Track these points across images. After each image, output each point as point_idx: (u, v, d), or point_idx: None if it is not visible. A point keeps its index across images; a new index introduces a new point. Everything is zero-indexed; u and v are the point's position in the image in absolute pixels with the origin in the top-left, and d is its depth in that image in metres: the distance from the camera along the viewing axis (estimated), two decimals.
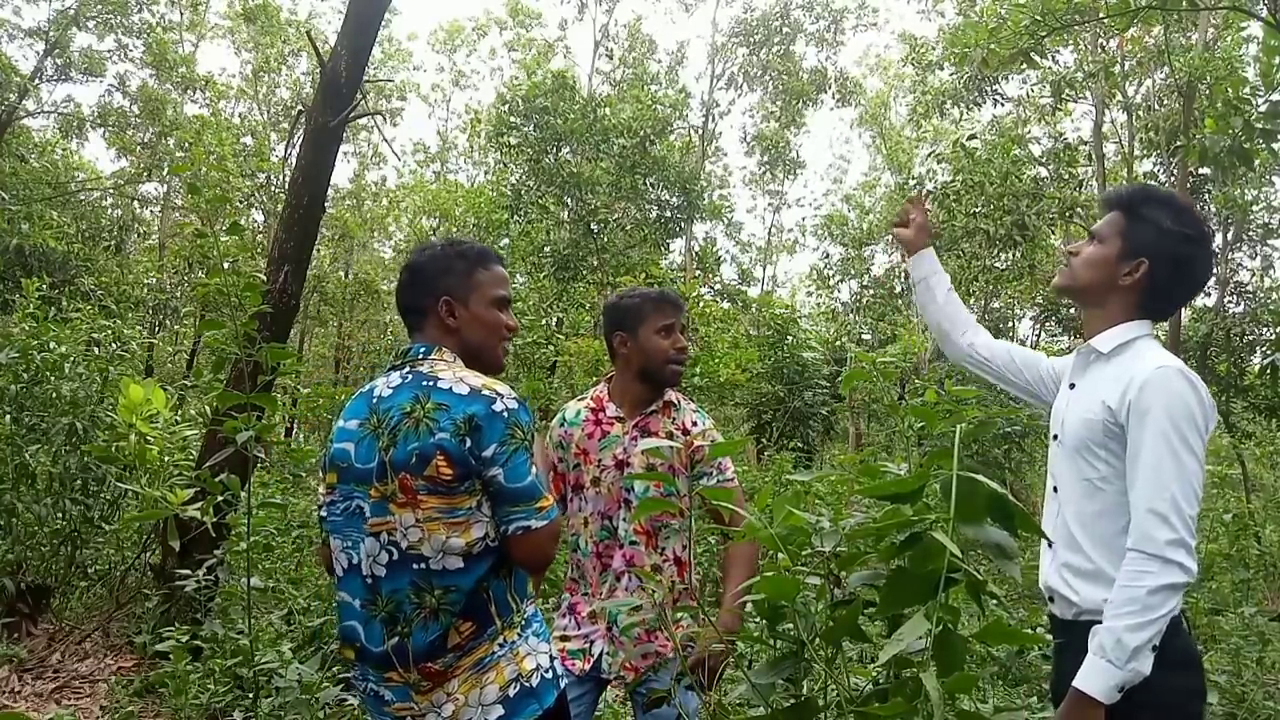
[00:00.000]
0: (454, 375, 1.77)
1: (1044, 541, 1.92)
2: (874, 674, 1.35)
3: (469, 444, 1.69)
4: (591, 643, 2.39)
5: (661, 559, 2.40)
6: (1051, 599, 1.90)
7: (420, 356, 1.85)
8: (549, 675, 1.79)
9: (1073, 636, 1.78)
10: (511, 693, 1.73)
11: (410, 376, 1.80)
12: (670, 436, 2.45)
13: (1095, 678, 1.63)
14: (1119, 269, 1.88)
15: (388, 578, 1.73)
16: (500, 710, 1.71)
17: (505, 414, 1.71)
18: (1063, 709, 1.67)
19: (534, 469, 1.74)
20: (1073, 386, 1.95)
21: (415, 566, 1.71)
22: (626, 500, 2.40)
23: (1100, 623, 1.67)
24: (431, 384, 1.76)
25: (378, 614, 1.74)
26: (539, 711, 1.74)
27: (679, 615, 2.31)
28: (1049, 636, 2.00)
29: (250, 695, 3.51)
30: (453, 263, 1.90)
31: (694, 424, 2.49)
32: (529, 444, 1.75)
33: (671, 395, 2.52)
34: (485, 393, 1.73)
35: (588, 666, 2.37)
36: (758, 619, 1.50)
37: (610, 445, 2.45)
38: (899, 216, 2.40)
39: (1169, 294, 1.92)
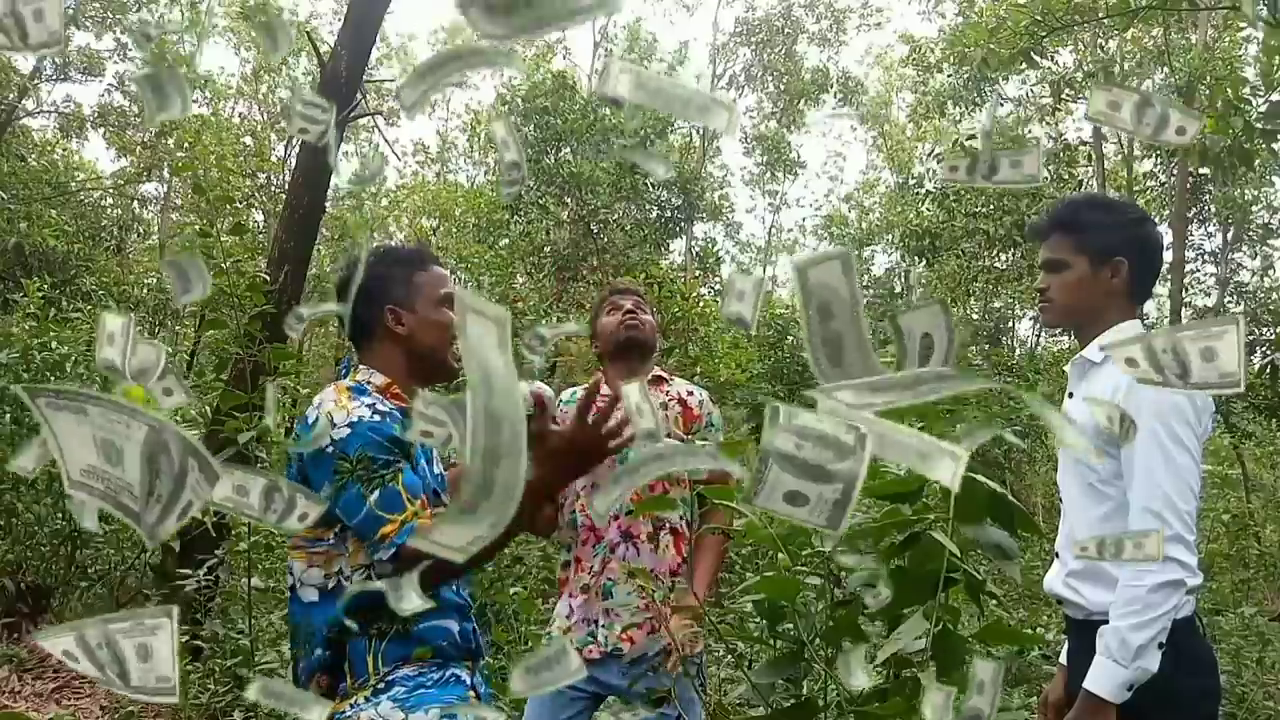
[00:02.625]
0: (322, 399, 1.69)
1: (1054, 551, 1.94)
2: (873, 674, 1.35)
3: (308, 480, 1.61)
4: (594, 623, 2.39)
5: (657, 528, 2.42)
6: (1060, 602, 1.91)
7: (341, 375, 1.81)
8: None
9: (1086, 636, 1.79)
10: None
11: (316, 401, 1.75)
12: (665, 408, 2.49)
13: (1103, 678, 1.64)
14: (1101, 277, 1.89)
15: (290, 601, 1.72)
16: None
17: (329, 448, 1.60)
18: (1074, 710, 1.68)
19: (371, 497, 1.56)
20: (1071, 396, 1.97)
21: (291, 593, 1.69)
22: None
23: (1109, 622, 1.68)
24: (309, 409, 1.72)
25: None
26: None
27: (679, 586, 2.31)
28: (1049, 636, 2.01)
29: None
30: (390, 270, 1.82)
31: (690, 393, 2.55)
32: (366, 468, 1.58)
33: (661, 371, 2.59)
34: (320, 424, 1.63)
35: (597, 655, 2.35)
36: (758, 619, 1.50)
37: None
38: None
39: (1149, 276, 1.97)
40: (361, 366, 1.80)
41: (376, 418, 1.63)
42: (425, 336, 1.80)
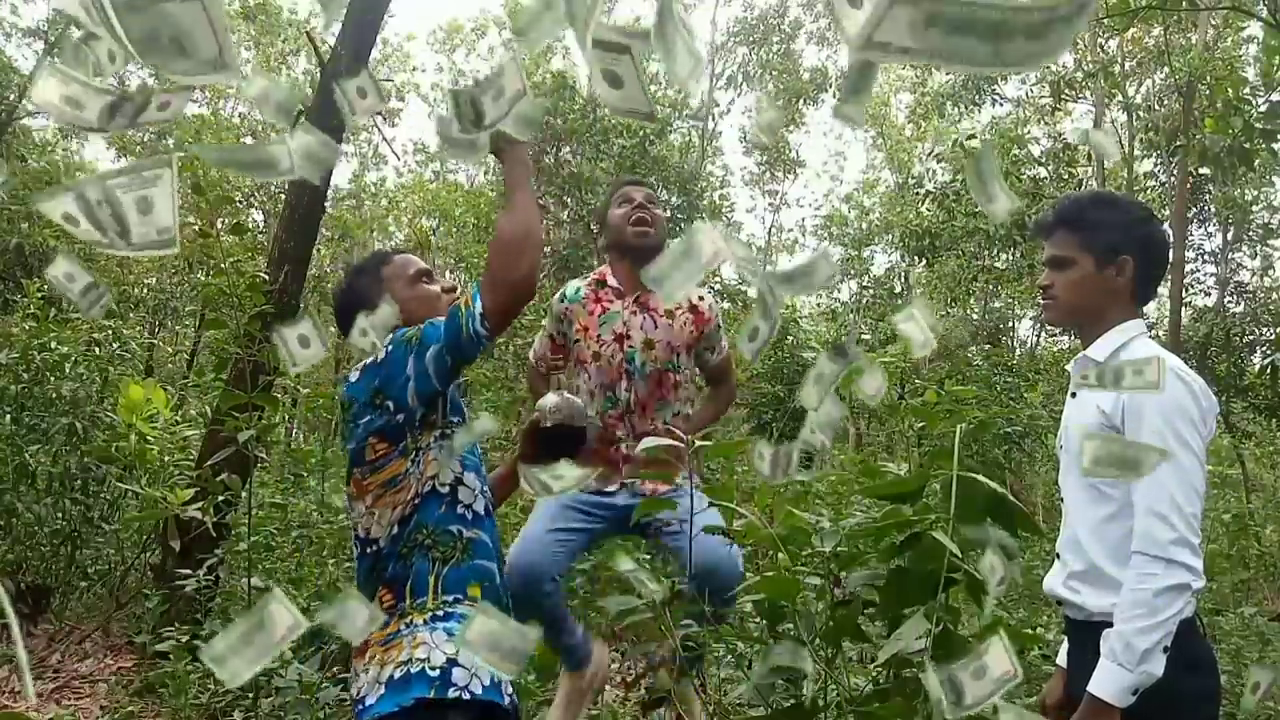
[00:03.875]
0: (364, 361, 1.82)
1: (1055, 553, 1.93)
2: (874, 674, 1.35)
3: (384, 403, 1.72)
4: (610, 493, 2.49)
5: (666, 419, 2.56)
6: (1060, 603, 1.90)
7: None
8: (435, 672, 1.64)
9: (1086, 638, 1.78)
10: (396, 675, 1.64)
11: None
12: (670, 315, 2.57)
13: (1107, 681, 1.63)
14: (1107, 276, 1.88)
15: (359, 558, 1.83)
16: (380, 690, 1.64)
17: (387, 345, 1.75)
18: (1078, 714, 1.67)
19: (413, 347, 1.72)
20: (1073, 396, 1.96)
21: (366, 551, 1.79)
22: (628, 372, 2.52)
23: (1112, 624, 1.67)
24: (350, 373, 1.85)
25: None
26: (409, 702, 1.61)
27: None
28: (1049, 637, 2.00)
29: (250, 695, 3.51)
30: (357, 281, 1.95)
31: (700, 299, 2.61)
32: (394, 350, 1.74)
33: None
34: (368, 360, 1.78)
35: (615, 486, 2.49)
36: (758, 619, 1.50)
37: (610, 321, 2.56)
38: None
39: (1154, 276, 1.94)
40: None
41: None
42: (414, 314, 1.86)
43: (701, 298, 2.62)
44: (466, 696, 1.62)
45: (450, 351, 1.67)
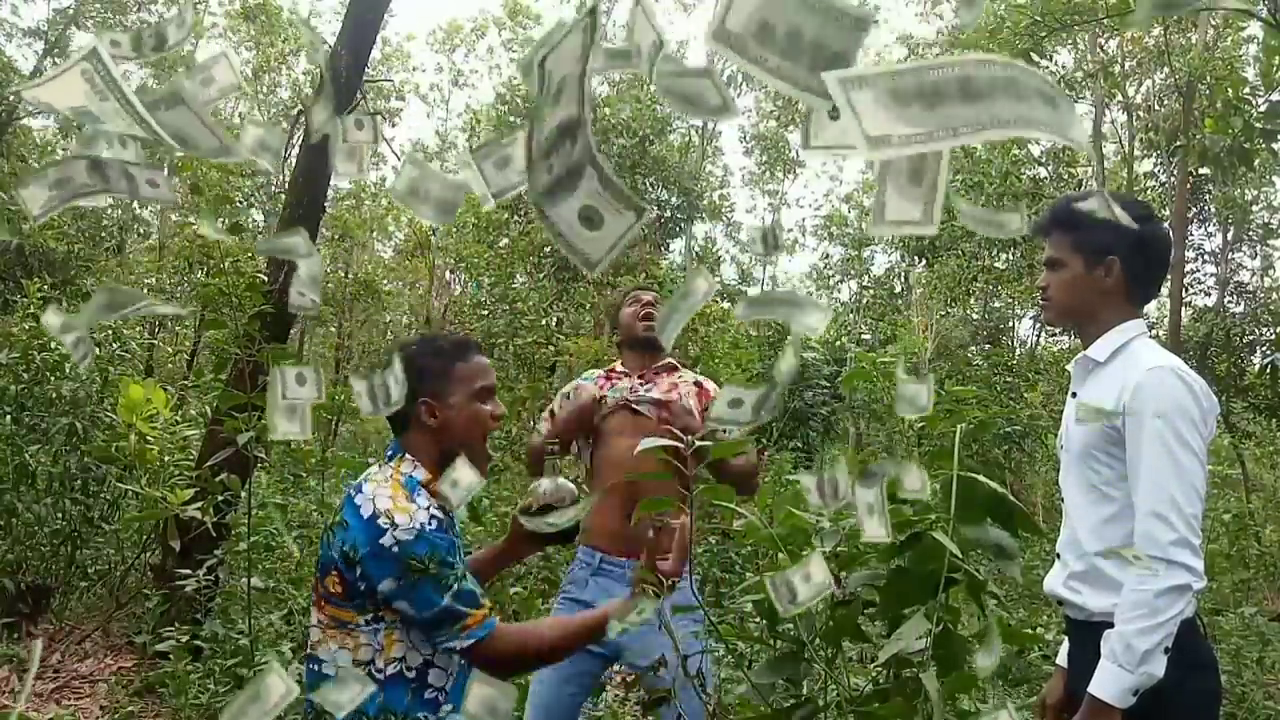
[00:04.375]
0: (374, 490, 1.70)
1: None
2: (874, 674, 1.35)
3: (358, 572, 1.65)
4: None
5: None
6: (1061, 603, 1.90)
7: (388, 458, 1.83)
8: None
9: (1086, 638, 1.78)
10: None
11: (361, 485, 1.77)
12: (675, 386, 2.73)
13: (1108, 683, 1.63)
14: (1094, 276, 1.88)
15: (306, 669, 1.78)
16: None
17: (395, 548, 1.62)
18: (1079, 715, 1.67)
19: (450, 591, 1.64)
20: (1074, 395, 1.96)
21: (312, 668, 1.70)
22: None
23: (1113, 625, 1.67)
24: (353, 493, 1.72)
25: None
26: None
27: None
28: (1049, 637, 2.00)
29: None
30: (427, 362, 1.83)
31: (702, 382, 2.81)
32: (437, 569, 1.64)
33: (673, 360, 2.85)
34: (380, 523, 1.64)
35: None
36: (758, 619, 1.50)
37: (618, 391, 2.75)
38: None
39: (1149, 276, 1.93)
40: (407, 457, 1.82)
41: (435, 524, 1.68)
42: (457, 429, 1.82)
43: (702, 382, 2.81)
44: None
45: (421, 627, 1.67)
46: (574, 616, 1.84)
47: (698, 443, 1.54)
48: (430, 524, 1.66)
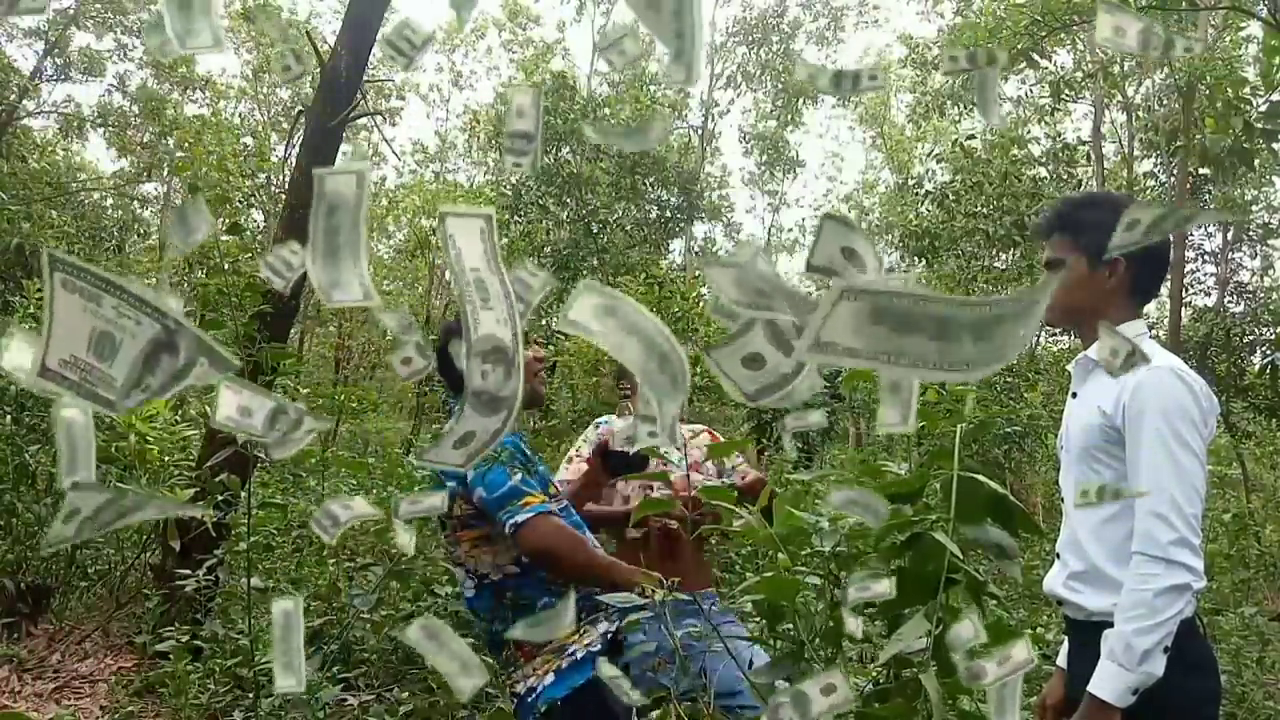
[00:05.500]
0: None
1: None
2: (874, 674, 1.35)
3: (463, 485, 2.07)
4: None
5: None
6: (1061, 603, 1.90)
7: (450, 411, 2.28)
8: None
9: (1086, 638, 1.78)
10: (564, 665, 2.10)
11: None
12: (695, 434, 2.77)
13: (1108, 682, 1.63)
14: (1099, 277, 1.88)
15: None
16: (550, 678, 2.09)
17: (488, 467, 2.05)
18: (1078, 714, 1.67)
19: (514, 477, 2.01)
20: (1075, 396, 1.95)
21: (478, 592, 2.21)
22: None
23: (1112, 624, 1.67)
24: None
25: None
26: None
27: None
28: (1049, 637, 2.00)
29: (250, 695, 3.51)
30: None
31: (713, 432, 2.90)
32: (506, 464, 2.03)
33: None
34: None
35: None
36: (758, 619, 1.49)
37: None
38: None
39: (1150, 276, 1.94)
40: None
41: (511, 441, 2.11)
42: None
43: (706, 431, 2.90)
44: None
45: (492, 507, 2.06)
46: (605, 559, 2.13)
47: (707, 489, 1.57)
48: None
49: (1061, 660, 1.99)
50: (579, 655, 2.05)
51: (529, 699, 2.07)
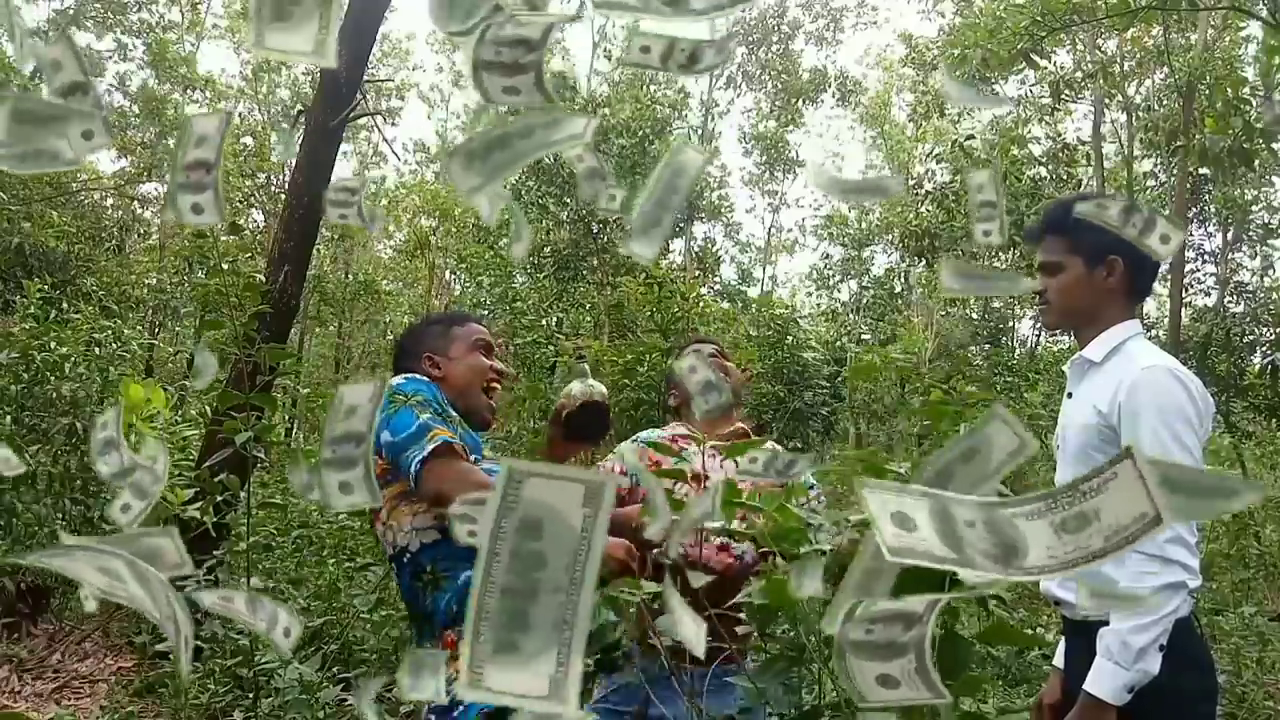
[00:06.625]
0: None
1: None
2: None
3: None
4: None
5: None
6: (1058, 603, 1.90)
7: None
8: None
9: (1083, 637, 1.78)
10: None
11: None
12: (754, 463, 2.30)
13: (1104, 680, 1.63)
14: (1097, 277, 1.88)
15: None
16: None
17: (386, 392, 1.78)
18: (1074, 712, 1.67)
19: (424, 416, 1.78)
20: (1070, 396, 1.96)
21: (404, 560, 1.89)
22: None
23: (1108, 623, 1.67)
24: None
25: None
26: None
27: None
28: (1049, 637, 2.00)
29: (250, 695, 3.51)
30: (430, 328, 2.09)
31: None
32: (415, 407, 1.80)
33: (741, 425, 2.43)
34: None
35: None
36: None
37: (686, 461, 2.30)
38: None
39: (1147, 276, 1.97)
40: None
41: (431, 394, 1.86)
42: (458, 378, 1.99)
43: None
44: None
45: (398, 450, 1.79)
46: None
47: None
48: (427, 392, 1.85)
49: (1058, 660, 1.99)
50: None
51: (454, 713, 1.73)
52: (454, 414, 1.89)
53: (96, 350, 6.00)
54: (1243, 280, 16.17)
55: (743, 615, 1.42)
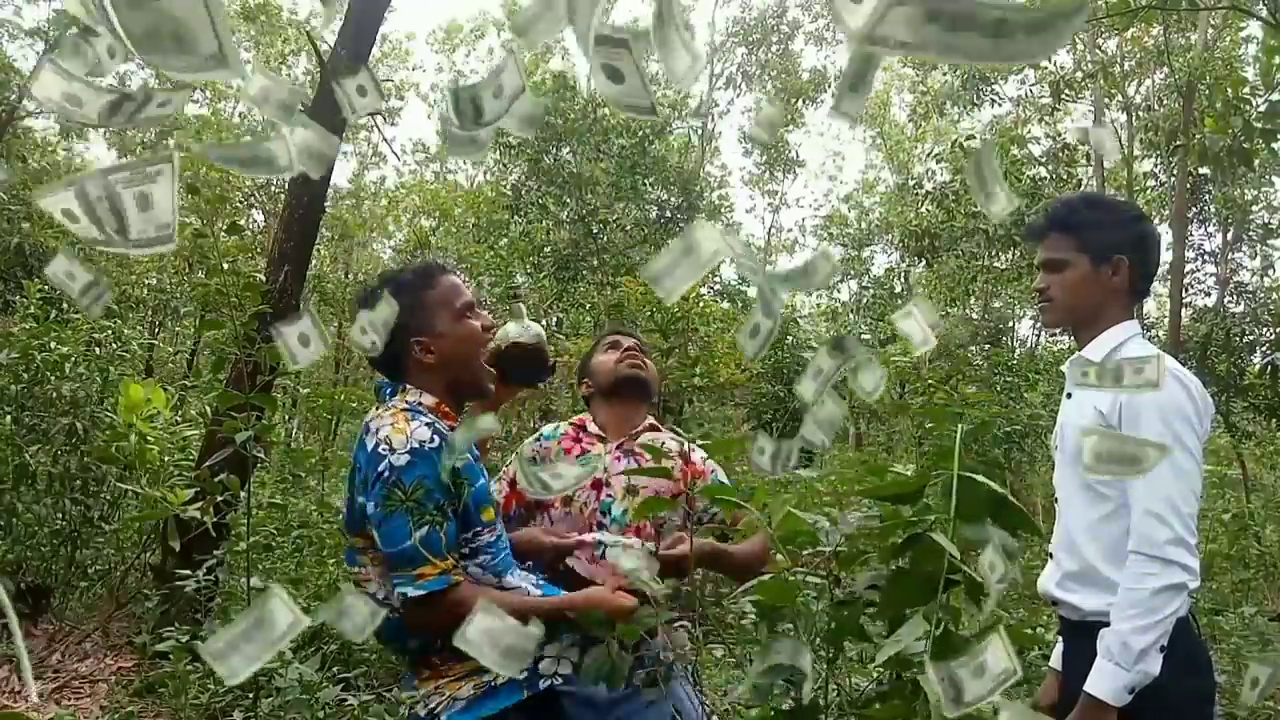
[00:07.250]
0: (380, 425, 1.69)
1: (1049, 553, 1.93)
2: (875, 674, 1.35)
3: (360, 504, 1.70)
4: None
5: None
6: (1056, 604, 1.90)
7: (384, 397, 1.81)
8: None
9: (1081, 637, 1.78)
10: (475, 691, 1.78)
11: (367, 425, 1.76)
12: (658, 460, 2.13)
13: (1104, 681, 1.63)
14: (1102, 276, 1.88)
15: None
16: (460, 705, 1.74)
17: (386, 474, 1.62)
18: (1074, 713, 1.67)
19: (418, 533, 1.61)
20: (1069, 396, 1.96)
21: (389, 617, 1.67)
22: (600, 523, 2.16)
23: (1108, 624, 1.67)
24: (364, 434, 1.73)
25: None
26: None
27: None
28: (1049, 637, 2.00)
29: (250, 695, 3.51)
30: (400, 302, 1.74)
31: (692, 451, 2.26)
32: (417, 503, 1.62)
33: (653, 419, 2.36)
34: (380, 450, 1.65)
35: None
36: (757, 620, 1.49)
37: (588, 463, 2.22)
38: None
39: (1146, 277, 1.96)
40: (409, 387, 1.80)
41: (436, 440, 1.65)
42: (455, 355, 1.80)
43: (692, 449, 2.25)
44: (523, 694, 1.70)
45: (383, 562, 1.68)
46: (544, 599, 1.73)
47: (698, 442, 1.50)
48: (431, 440, 1.65)
49: (1055, 662, 1.99)
50: (496, 682, 1.67)
51: None
52: (461, 472, 1.70)
53: (96, 350, 6.00)
54: (1243, 280, 16.16)
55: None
